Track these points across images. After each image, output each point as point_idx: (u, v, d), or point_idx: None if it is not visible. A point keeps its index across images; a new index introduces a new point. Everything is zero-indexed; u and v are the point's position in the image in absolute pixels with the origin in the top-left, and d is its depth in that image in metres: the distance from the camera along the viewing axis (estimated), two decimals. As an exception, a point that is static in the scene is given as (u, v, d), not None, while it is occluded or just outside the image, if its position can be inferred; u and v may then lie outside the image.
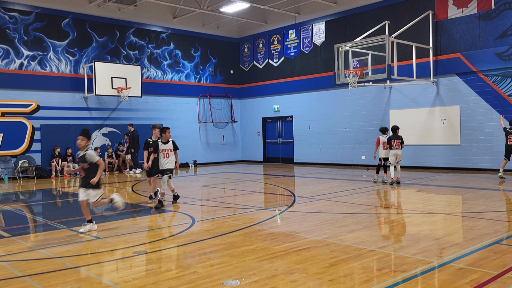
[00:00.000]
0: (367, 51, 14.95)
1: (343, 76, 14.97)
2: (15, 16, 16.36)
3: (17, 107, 16.39)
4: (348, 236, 6.21)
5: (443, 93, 15.60)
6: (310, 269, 4.73)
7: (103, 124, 18.46)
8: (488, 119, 14.48)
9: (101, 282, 4.53)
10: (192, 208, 9.09)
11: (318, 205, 9.09)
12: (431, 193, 10.54)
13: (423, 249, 5.43)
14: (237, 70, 23.10)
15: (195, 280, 4.46)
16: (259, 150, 22.29)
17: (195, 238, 6.34)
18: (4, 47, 16.11)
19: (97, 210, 9.92)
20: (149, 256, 5.48)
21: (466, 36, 15.01)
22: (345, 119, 18.47)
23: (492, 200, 9.04)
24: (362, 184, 12.51)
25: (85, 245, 6.13)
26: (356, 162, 18.13)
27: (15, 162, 16.22)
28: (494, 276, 4.35)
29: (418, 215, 7.73)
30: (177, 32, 20.77)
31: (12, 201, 11.10)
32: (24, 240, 6.60)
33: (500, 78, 14.24)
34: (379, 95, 17.32)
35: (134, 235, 6.70)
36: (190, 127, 21.21)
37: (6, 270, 5.02)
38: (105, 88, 17.45)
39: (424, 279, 4.37)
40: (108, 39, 18.62)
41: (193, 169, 19.66)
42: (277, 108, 21.29)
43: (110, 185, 13.95)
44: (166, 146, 9.30)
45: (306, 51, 19.91)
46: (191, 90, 21.28)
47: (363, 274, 4.56)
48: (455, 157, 15.28)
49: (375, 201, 9.65)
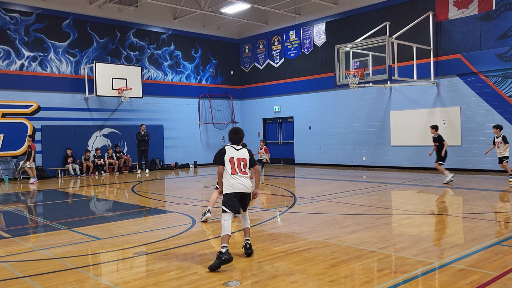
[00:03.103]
0: (368, 52, 14.95)
1: (343, 77, 14.96)
2: (15, 17, 16.37)
3: (18, 108, 16.40)
4: (349, 237, 6.21)
5: (444, 94, 15.59)
6: (311, 270, 4.72)
7: (104, 125, 18.47)
8: (489, 120, 14.47)
9: (101, 282, 4.53)
10: (193, 208, 9.09)
11: (319, 206, 9.09)
12: (431, 194, 10.54)
13: (424, 250, 5.42)
14: (238, 71, 23.11)
15: (196, 281, 4.45)
16: (259, 151, 22.27)
17: (195, 239, 6.33)
18: (4, 48, 16.12)
19: (98, 211, 9.93)
20: (149, 257, 5.48)
21: (466, 37, 15.01)
22: (345, 120, 18.46)
23: (493, 201, 9.03)
24: (362, 185, 12.50)
25: (86, 246, 6.13)
26: (356, 163, 18.12)
27: (15, 163, 16.23)
28: (495, 277, 4.34)
29: (418, 216, 7.72)
30: (177, 33, 20.78)
31: (12, 202, 11.11)
32: (24, 240, 6.60)
33: (501, 79, 14.24)
34: (379, 96, 17.32)
35: (134, 235, 6.70)
36: (190, 128, 21.21)
37: (7, 270, 5.03)
38: (105, 89, 17.46)
39: (424, 280, 4.37)
40: (108, 40, 18.64)
41: (194, 170, 19.66)
42: (278, 109, 21.29)
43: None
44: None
45: (307, 52, 19.91)
46: (192, 91, 21.29)
47: (363, 275, 4.56)
48: (455, 158, 15.26)
49: (375, 202, 9.64)
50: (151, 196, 11.42)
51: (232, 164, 5.41)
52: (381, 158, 17.34)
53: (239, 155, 5.46)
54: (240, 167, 5.40)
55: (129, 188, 13.08)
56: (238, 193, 5.30)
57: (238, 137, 5.58)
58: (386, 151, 17.20)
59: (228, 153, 5.44)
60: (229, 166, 5.39)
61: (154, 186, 13.76)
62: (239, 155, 5.46)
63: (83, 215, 8.98)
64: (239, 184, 5.31)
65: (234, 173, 5.36)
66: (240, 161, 5.43)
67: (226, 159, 5.40)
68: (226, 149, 5.48)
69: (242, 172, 5.38)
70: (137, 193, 11.97)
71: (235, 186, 5.31)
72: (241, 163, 5.43)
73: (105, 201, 11.13)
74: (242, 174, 5.38)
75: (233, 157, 5.43)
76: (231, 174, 5.35)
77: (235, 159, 5.43)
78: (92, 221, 8.04)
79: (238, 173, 5.36)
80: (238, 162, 5.42)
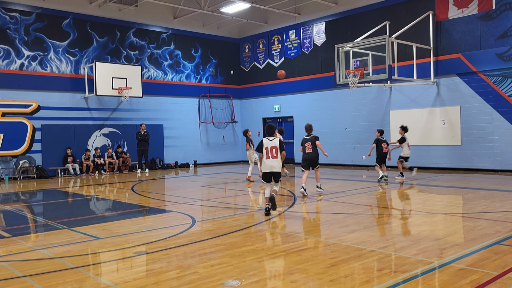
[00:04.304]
0: (368, 51, 14.95)
1: (343, 76, 14.96)
2: (15, 17, 16.37)
3: (18, 107, 16.40)
4: (349, 236, 6.21)
5: (444, 94, 15.59)
6: (311, 270, 4.72)
7: (104, 124, 18.47)
8: (489, 119, 14.48)
9: (101, 282, 4.53)
10: (193, 208, 9.09)
11: (319, 206, 9.09)
12: (431, 193, 10.54)
13: (424, 249, 5.43)
14: (238, 70, 23.11)
15: (196, 281, 4.46)
16: (259, 151, 22.27)
17: (195, 238, 6.34)
18: (4, 47, 16.12)
19: (98, 210, 9.93)
20: (149, 257, 5.48)
21: (466, 36, 15.01)
22: (345, 119, 18.46)
23: (493, 201, 9.03)
24: (362, 184, 12.50)
25: (86, 246, 6.13)
26: (356, 163, 18.12)
27: (15, 162, 16.23)
28: (495, 277, 4.35)
29: (418, 216, 7.73)
30: (177, 32, 20.77)
31: (12, 201, 11.11)
32: (24, 240, 6.60)
33: (501, 79, 14.24)
34: (379, 96, 17.32)
35: (134, 235, 6.70)
36: (190, 128, 21.21)
37: (7, 270, 5.03)
38: (105, 89, 17.46)
39: (424, 280, 4.37)
40: (108, 40, 18.63)
41: (194, 169, 19.66)
42: (278, 109, 21.29)
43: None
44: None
45: (307, 52, 19.91)
46: (192, 91, 21.29)
47: (363, 274, 4.56)
48: (455, 157, 15.27)
49: (375, 202, 9.64)
50: (151, 195, 11.42)
51: (266, 151, 7.82)
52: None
53: (272, 144, 7.83)
54: (272, 153, 7.78)
55: (129, 188, 13.08)
56: (270, 172, 7.83)
57: (270, 131, 7.98)
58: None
59: (264, 144, 7.87)
60: (265, 153, 7.84)
61: (154, 186, 13.76)
62: (272, 144, 7.84)
63: (83, 215, 8.98)
64: (270, 165, 7.80)
65: (267, 158, 7.81)
66: (272, 149, 7.79)
67: (263, 148, 7.81)
68: (263, 141, 7.92)
69: (273, 156, 7.79)
70: (137, 193, 11.97)
71: (268, 167, 7.81)
72: (273, 150, 7.78)
73: (105, 200, 11.13)
74: (273, 158, 7.79)
75: (267, 146, 7.82)
76: (265, 159, 7.83)
77: (268, 148, 7.81)
78: (92, 221, 8.04)
79: (270, 158, 7.80)
80: (271, 149, 7.79)
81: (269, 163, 7.76)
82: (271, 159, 7.75)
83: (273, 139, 7.84)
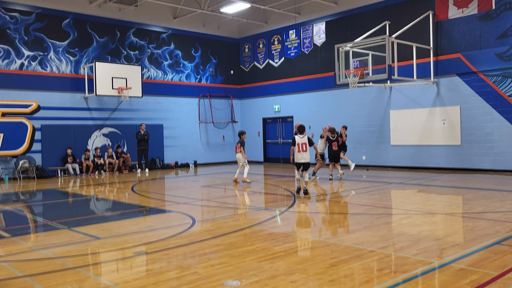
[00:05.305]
0: (368, 51, 14.94)
1: (343, 76, 14.96)
2: (15, 16, 16.37)
3: (18, 107, 16.40)
4: (349, 236, 6.21)
5: (444, 94, 15.59)
6: (311, 270, 4.73)
7: (104, 124, 18.47)
8: (489, 119, 14.48)
9: (101, 282, 4.53)
10: (193, 208, 9.10)
11: (319, 206, 9.10)
12: (431, 193, 10.54)
13: (424, 249, 5.43)
14: (238, 70, 23.11)
15: (196, 281, 4.46)
16: (259, 151, 22.29)
17: (195, 238, 6.34)
18: (4, 47, 16.12)
19: (98, 210, 9.93)
20: (149, 257, 5.48)
21: (466, 36, 15.01)
22: (345, 119, 18.43)
23: (493, 201, 9.03)
24: (362, 184, 12.51)
25: (86, 246, 6.13)
26: (356, 163, 18.05)
27: (15, 162, 16.24)
28: (495, 277, 4.35)
29: (418, 216, 7.73)
30: (177, 32, 20.77)
31: (12, 201, 11.11)
32: (24, 240, 6.60)
33: (501, 79, 14.24)
34: (379, 96, 17.32)
35: (134, 235, 6.70)
36: (190, 127, 21.21)
37: (7, 270, 5.03)
38: (105, 88, 17.46)
39: (424, 280, 4.37)
40: (108, 39, 18.63)
41: (194, 169, 19.67)
42: (278, 109, 21.29)
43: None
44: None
45: (307, 52, 19.91)
46: (192, 90, 21.29)
47: (363, 274, 4.56)
48: (455, 157, 15.27)
49: (375, 202, 9.64)
50: (151, 195, 11.42)
51: (298, 146, 10.05)
52: (381, 157, 17.34)
53: (302, 141, 10.08)
54: (303, 147, 10.04)
55: (129, 188, 13.08)
56: (301, 162, 10.07)
57: (301, 129, 10.16)
58: (386, 151, 17.20)
59: (296, 140, 10.09)
60: (297, 147, 10.06)
61: (154, 186, 13.76)
62: (302, 140, 10.08)
63: (83, 215, 8.98)
64: (301, 157, 10.06)
65: (299, 151, 10.05)
66: (303, 144, 10.04)
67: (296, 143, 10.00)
68: (296, 138, 10.12)
69: (303, 150, 10.04)
70: (137, 193, 11.97)
71: (299, 158, 10.07)
72: (303, 145, 10.04)
73: (105, 200, 11.13)
74: (303, 151, 10.03)
75: (298, 142, 10.06)
76: (297, 152, 10.06)
77: (300, 143, 10.06)
78: (92, 221, 8.04)
79: (300, 151, 10.04)
80: (302, 145, 10.05)
81: (300, 155, 10.01)
82: (301, 152, 9.99)
83: (303, 136, 10.07)
